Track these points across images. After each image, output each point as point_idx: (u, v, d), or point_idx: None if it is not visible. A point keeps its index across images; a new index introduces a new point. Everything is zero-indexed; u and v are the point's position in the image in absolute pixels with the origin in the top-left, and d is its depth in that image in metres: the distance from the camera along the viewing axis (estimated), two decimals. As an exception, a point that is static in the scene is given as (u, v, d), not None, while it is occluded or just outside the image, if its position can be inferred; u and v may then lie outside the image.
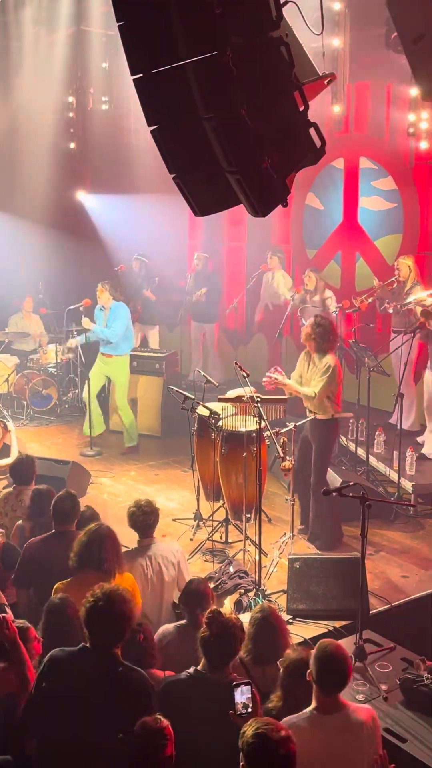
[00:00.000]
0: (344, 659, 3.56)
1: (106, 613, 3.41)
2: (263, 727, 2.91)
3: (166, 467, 8.76)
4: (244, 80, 2.73)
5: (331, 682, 3.51)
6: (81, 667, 3.37)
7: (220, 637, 3.71)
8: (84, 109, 12.47)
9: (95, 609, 3.43)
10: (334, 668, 3.50)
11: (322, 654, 3.52)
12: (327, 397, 6.58)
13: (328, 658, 3.50)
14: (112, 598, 3.45)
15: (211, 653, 3.72)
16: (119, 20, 2.84)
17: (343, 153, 10.00)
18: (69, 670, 3.38)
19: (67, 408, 10.76)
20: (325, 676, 3.49)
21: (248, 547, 6.35)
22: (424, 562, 6.57)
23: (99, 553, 4.56)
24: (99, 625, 3.42)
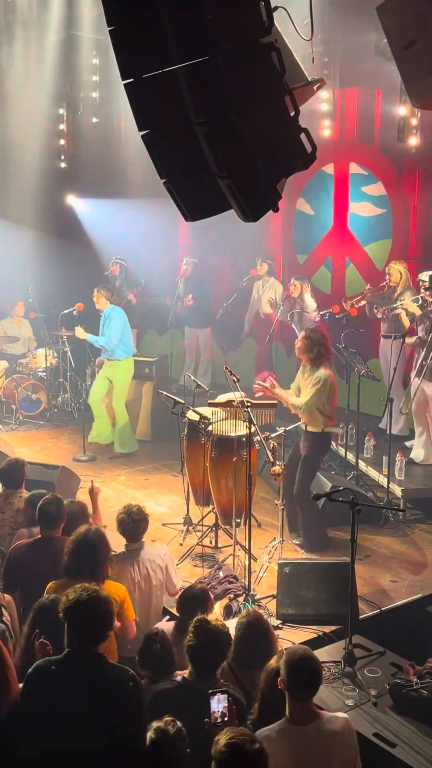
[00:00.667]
0: (315, 663, 3.52)
1: (88, 611, 3.39)
2: (237, 738, 2.89)
3: (156, 472, 8.75)
4: (235, 85, 2.74)
5: (303, 688, 3.46)
6: (68, 673, 3.34)
7: (207, 644, 3.70)
8: (74, 114, 12.45)
9: (76, 607, 3.40)
10: (304, 673, 3.45)
11: (291, 659, 3.48)
12: (318, 410, 6.59)
13: (298, 663, 3.46)
14: (92, 596, 3.44)
15: (198, 661, 3.71)
16: (110, 24, 2.84)
17: (333, 158, 10.03)
18: (56, 679, 3.34)
19: (57, 412, 10.73)
20: (297, 682, 3.45)
21: (238, 552, 6.35)
22: (413, 566, 6.59)
23: (90, 561, 4.55)
24: (80, 624, 3.39)
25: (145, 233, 11.50)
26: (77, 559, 4.57)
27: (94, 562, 4.57)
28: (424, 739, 4.17)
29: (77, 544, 4.62)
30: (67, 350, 10.57)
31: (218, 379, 10.50)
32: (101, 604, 3.44)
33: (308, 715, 3.45)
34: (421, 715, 4.32)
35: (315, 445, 6.75)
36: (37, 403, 10.53)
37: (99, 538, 4.67)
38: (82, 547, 4.60)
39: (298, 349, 6.77)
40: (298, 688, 3.45)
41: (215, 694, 3.29)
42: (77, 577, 4.45)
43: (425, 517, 7.47)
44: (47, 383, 10.78)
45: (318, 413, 6.61)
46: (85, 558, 4.57)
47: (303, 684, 3.46)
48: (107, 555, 4.70)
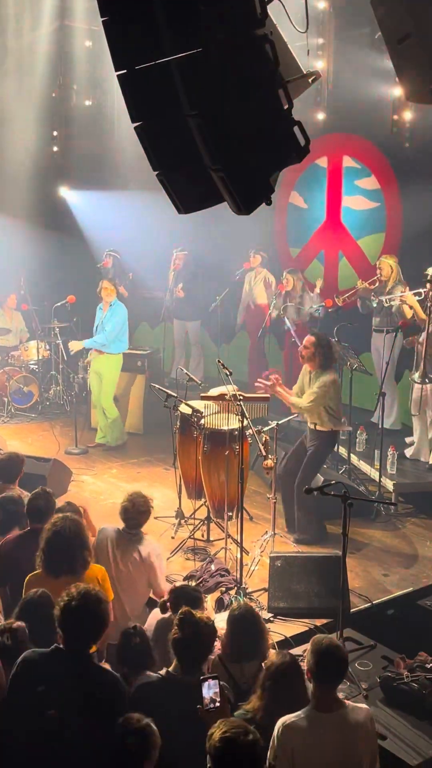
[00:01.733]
0: (342, 651, 3.62)
1: (82, 613, 3.38)
2: (231, 731, 2.91)
3: (148, 465, 8.74)
4: (229, 77, 2.72)
5: (331, 675, 3.54)
6: (54, 669, 3.34)
7: (192, 638, 3.70)
8: (67, 105, 12.40)
9: (70, 609, 3.40)
10: (332, 660, 3.53)
11: (319, 648, 3.56)
12: (324, 410, 6.61)
13: (326, 651, 3.53)
14: (87, 599, 3.42)
15: (183, 655, 3.72)
16: (103, 15, 2.82)
17: (326, 152, 10.02)
18: (41, 672, 3.34)
19: (49, 405, 10.70)
20: (325, 669, 3.51)
21: (230, 545, 6.36)
22: (404, 560, 6.61)
23: (64, 557, 4.45)
24: (74, 626, 3.39)
25: (138, 225, 11.47)
26: (52, 556, 4.46)
27: (73, 558, 4.45)
28: (414, 732, 4.20)
29: (50, 541, 4.48)
30: (59, 342, 10.54)
31: (211, 373, 10.49)
32: (92, 611, 3.42)
33: (334, 703, 3.52)
34: (411, 707, 4.35)
35: (323, 444, 6.80)
36: (29, 395, 10.50)
37: (72, 532, 4.50)
38: (55, 543, 4.47)
39: (306, 354, 6.75)
40: (326, 675, 3.53)
41: (206, 680, 3.30)
42: (57, 574, 4.40)
43: (416, 511, 7.50)
44: (39, 376, 10.75)
45: (324, 412, 6.63)
46: (60, 554, 4.45)
47: (331, 671, 3.54)
48: (83, 547, 4.53)
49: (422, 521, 7.34)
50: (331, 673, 3.55)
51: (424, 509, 7.49)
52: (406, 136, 8.77)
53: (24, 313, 11.24)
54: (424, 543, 6.92)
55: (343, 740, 3.46)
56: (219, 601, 5.64)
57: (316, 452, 6.77)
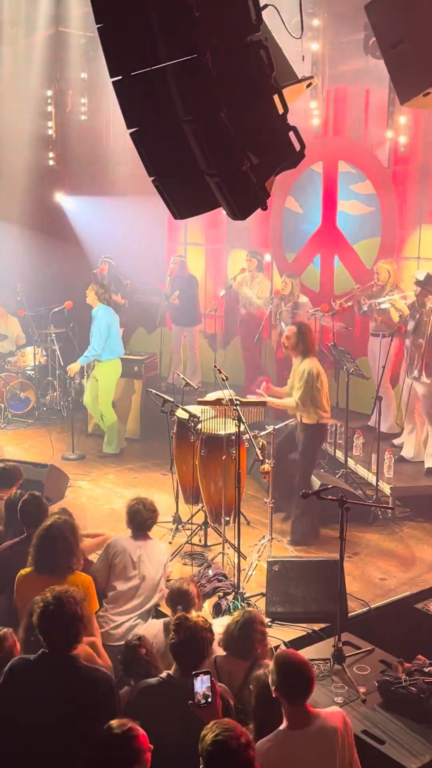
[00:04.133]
0: (305, 665, 3.51)
1: (59, 616, 3.38)
2: (223, 734, 2.88)
3: (145, 470, 8.74)
4: (224, 83, 2.73)
5: (297, 691, 3.44)
6: (41, 673, 3.33)
7: (188, 642, 3.72)
8: (63, 111, 12.41)
9: (46, 614, 3.39)
10: (297, 675, 3.44)
11: (281, 664, 3.47)
12: (310, 402, 6.61)
13: (288, 667, 3.45)
14: (62, 601, 3.42)
15: (181, 658, 3.73)
16: (98, 22, 2.83)
17: (322, 157, 10.04)
18: (29, 678, 3.33)
19: (45, 411, 10.70)
20: (290, 686, 3.43)
21: (227, 550, 6.35)
22: (402, 564, 6.61)
23: (52, 556, 4.52)
24: (53, 630, 3.38)
25: (134, 231, 11.49)
26: (41, 555, 4.53)
27: (55, 558, 4.50)
28: (413, 736, 4.19)
29: (39, 540, 4.56)
30: (56, 348, 10.53)
31: (207, 378, 10.49)
32: (68, 610, 3.41)
33: (305, 718, 3.43)
34: (409, 711, 4.33)
35: (310, 437, 6.79)
36: (26, 401, 10.49)
37: (60, 533, 4.57)
38: (43, 542, 4.55)
39: (287, 344, 6.79)
40: (294, 691, 3.44)
41: (198, 675, 3.27)
42: (42, 572, 4.45)
43: (414, 515, 7.50)
44: (36, 381, 10.75)
45: (310, 404, 6.62)
46: (47, 554, 4.52)
47: (298, 686, 3.45)
48: (71, 549, 4.59)
49: (419, 525, 7.34)
50: (299, 690, 3.45)
51: (421, 513, 7.49)
52: (401, 140, 8.80)
53: (20, 319, 11.24)
54: (421, 546, 6.92)
55: (322, 752, 3.39)
56: (216, 606, 5.63)
57: (307, 449, 6.77)
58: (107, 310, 9.09)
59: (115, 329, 9.15)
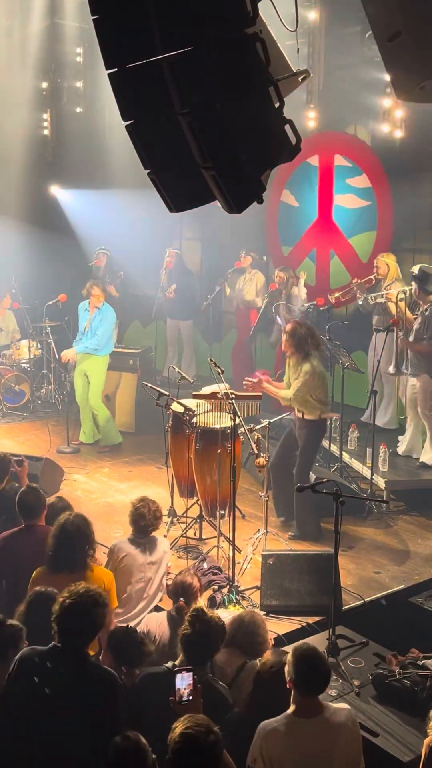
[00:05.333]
0: (324, 661, 3.56)
1: (81, 613, 3.39)
2: (193, 728, 2.86)
3: (140, 464, 8.74)
4: (220, 76, 2.72)
5: (313, 685, 3.48)
6: (51, 667, 3.34)
7: (202, 635, 3.73)
8: (58, 103, 12.36)
9: (68, 609, 3.41)
10: (315, 671, 3.48)
11: (301, 657, 3.50)
12: (311, 397, 6.61)
13: (308, 661, 3.48)
14: (85, 599, 3.44)
15: (192, 651, 3.74)
16: (94, 14, 2.81)
17: (318, 150, 10.03)
18: (39, 670, 3.35)
19: (40, 404, 10.69)
20: (307, 679, 3.46)
21: (222, 544, 6.36)
22: (396, 558, 6.63)
23: (70, 554, 4.54)
24: (71, 625, 3.40)
25: (129, 224, 11.46)
26: (57, 553, 4.56)
27: (73, 555, 4.54)
28: (406, 729, 4.21)
29: (58, 536, 4.60)
30: (51, 341, 10.51)
31: (202, 371, 10.49)
32: (91, 609, 3.44)
33: (314, 709, 3.47)
34: (402, 704, 4.35)
35: (312, 433, 6.80)
36: (21, 394, 10.48)
37: (79, 529, 4.63)
38: (61, 539, 4.58)
39: (285, 344, 6.78)
40: (309, 685, 3.47)
41: (180, 671, 3.27)
42: (59, 570, 4.45)
43: (408, 509, 7.52)
44: (31, 375, 10.73)
45: (312, 400, 6.63)
46: (65, 551, 4.55)
47: (315, 680, 3.48)
48: (88, 545, 4.65)
49: (414, 518, 7.36)
50: (314, 685, 3.49)
51: (416, 506, 7.51)
52: (397, 134, 8.79)
53: (15, 312, 11.22)
54: (415, 540, 6.94)
55: (325, 744, 3.42)
56: (211, 600, 5.65)
57: (307, 444, 6.79)
58: (111, 308, 9.14)
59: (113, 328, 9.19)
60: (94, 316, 9.04)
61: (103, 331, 8.96)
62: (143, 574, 5.27)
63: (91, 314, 9.07)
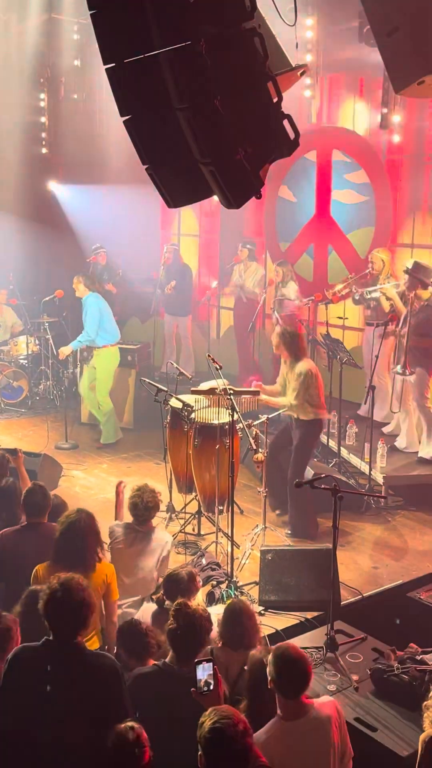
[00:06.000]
0: (303, 659, 3.52)
1: (65, 603, 3.39)
2: (221, 721, 2.90)
3: (139, 459, 8.74)
4: (218, 71, 2.71)
5: (294, 686, 3.47)
6: (46, 661, 3.34)
7: (186, 629, 3.72)
8: (56, 99, 12.33)
9: (53, 600, 3.41)
10: (294, 672, 3.46)
11: (280, 658, 3.48)
12: (306, 402, 6.61)
13: (287, 663, 3.46)
14: (69, 588, 3.44)
15: (178, 645, 3.73)
16: (92, 8, 2.80)
17: (316, 145, 10.01)
18: (34, 666, 3.34)
19: (39, 400, 10.68)
20: (287, 681, 3.45)
21: (220, 539, 6.37)
22: (394, 553, 6.64)
23: (80, 549, 4.55)
24: (59, 616, 3.39)
25: (127, 219, 11.44)
26: (65, 548, 4.56)
27: (82, 552, 4.55)
28: (405, 723, 4.22)
29: (65, 533, 4.60)
30: (49, 337, 10.51)
31: (201, 367, 10.49)
32: (75, 598, 3.43)
33: (299, 709, 3.46)
34: (401, 699, 4.36)
35: (307, 433, 6.78)
36: (19, 390, 10.47)
37: (88, 527, 4.64)
38: (70, 535, 4.58)
39: (275, 346, 6.80)
40: (291, 687, 3.46)
41: (201, 662, 3.30)
42: (67, 565, 4.45)
43: (406, 504, 7.53)
44: (29, 371, 10.72)
45: (306, 405, 6.63)
46: (73, 547, 4.55)
47: (295, 681, 3.47)
48: (96, 543, 4.68)
49: (412, 513, 7.37)
50: (295, 685, 3.47)
51: (414, 502, 7.52)
52: (396, 129, 8.77)
53: (14, 308, 11.21)
54: (413, 535, 6.95)
55: (319, 740, 3.43)
56: (210, 595, 5.65)
57: (302, 443, 6.77)
58: (96, 296, 9.10)
59: (108, 314, 9.15)
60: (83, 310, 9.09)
61: (90, 322, 8.94)
62: (134, 562, 5.26)
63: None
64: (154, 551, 5.34)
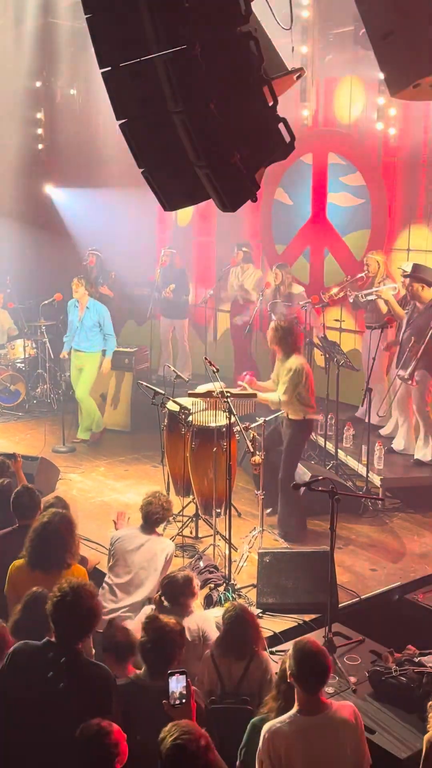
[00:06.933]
0: (323, 654, 3.56)
1: (73, 608, 3.39)
2: (182, 737, 2.85)
3: (136, 462, 8.74)
4: (214, 74, 2.72)
5: (313, 679, 3.49)
6: (44, 662, 3.34)
7: (156, 642, 3.70)
8: (52, 103, 12.35)
9: (63, 604, 3.41)
10: (314, 664, 3.48)
11: (300, 651, 3.51)
12: (297, 399, 6.60)
13: (307, 655, 3.49)
14: (79, 594, 3.44)
15: (147, 658, 3.72)
16: (87, 12, 2.81)
17: (312, 148, 10.02)
18: (32, 665, 3.35)
19: (36, 404, 10.68)
20: (307, 673, 3.47)
21: (218, 542, 6.36)
22: (392, 555, 6.64)
23: (46, 552, 4.52)
24: (66, 620, 3.40)
25: (124, 223, 11.45)
26: (34, 552, 4.53)
27: (48, 554, 4.51)
28: (403, 725, 4.22)
29: (35, 537, 4.57)
30: (46, 341, 10.51)
31: (198, 370, 10.49)
32: (85, 605, 3.43)
33: (318, 706, 3.48)
34: (399, 701, 4.36)
35: (296, 432, 6.77)
36: (16, 394, 10.46)
37: (56, 530, 4.58)
38: (39, 539, 4.55)
39: (269, 340, 6.80)
40: (310, 679, 3.48)
41: (174, 674, 3.24)
42: (37, 568, 4.46)
43: (403, 506, 7.53)
44: (26, 374, 10.72)
45: (296, 401, 6.62)
46: (42, 550, 4.52)
47: (313, 676, 3.49)
48: (66, 545, 4.60)
49: (409, 516, 7.37)
50: (315, 679, 3.50)
51: (411, 504, 7.53)
52: (391, 132, 8.80)
53: (10, 312, 11.20)
54: (411, 537, 6.96)
55: (331, 741, 3.44)
56: (207, 598, 5.65)
57: (291, 444, 6.76)
58: (98, 303, 9.15)
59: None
60: (83, 313, 9.07)
61: (108, 326, 9.15)
62: (131, 562, 5.26)
63: (81, 308, 9.11)
64: (154, 556, 5.33)
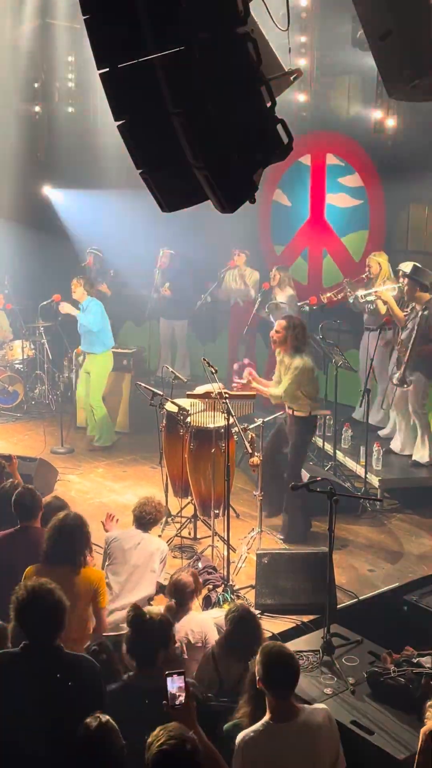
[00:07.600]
0: (293, 660, 3.51)
1: (37, 606, 3.38)
2: (168, 743, 2.81)
3: (135, 463, 8.73)
4: (212, 75, 2.72)
5: (281, 683, 3.45)
6: (26, 665, 3.32)
7: (139, 635, 3.71)
8: (50, 104, 12.34)
9: (24, 605, 3.40)
10: (281, 668, 3.44)
11: (267, 656, 3.47)
12: (301, 393, 6.60)
13: (274, 659, 3.45)
14: (37, 591, 3.43)
15: (133, 652, 3.73)
16: (85, 13, 2.81)
17: (310, 150, 10.03)
18: (13, 671, 3.32)
19: (34, 405, 10.67)
20: (276, 679, 3.44)
21: (216, 543, 6.37)
22: (390, 556, 6.64)
23: (67, 548, 4.60)
24: (33, 620, 3.38)
25: (122, 224, 11.45)
26: (55, 547, 4.62)
27: (71, 550, 4.61)
28: (401, 726, 4.21)
29: (55, 531, 4.66)
30: (44, 342, 10.50)
31: (196, 371, 10.49)
32: (46, 600, 3.41)
33: (290, 712, 3.44)
34: (397, 702, 4.36)
35: (303, 429, 6.79)
36: (14, 395, 10.45)
37: (77, 526, 4.71)
38: (59, 534, 4.64)
39: (274, 341, 6.78)
40: (277, 685, 3.44)
41: (171, 675, 3.24)
42: (55, 564, 4.51)
43: (402, 507, 7.54)
44: (24, 375, 10.71)
45: (302, 396, 6.62)
46: (63, 545, 4.61)
47: (281, 681, 3.46)
48: (85, 543, 4.73)
49: (408, 516, 7.38)
50: (283, 683, 3.45)
51: (410, 505, 7.53)
52: (389, 133, 8.79)
53: (8, 313, 11.19)
54: (409, 538, 6.96)
55: (305, 747, 3.40)
56: (206, 599, 5.65)
57: (298, 440, 6.77)
58: (98, 302, 9.13)
59: (106, 321, 9.18)
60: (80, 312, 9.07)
61: (94, 322, 8.95)
62: (128, 561, 5.27)
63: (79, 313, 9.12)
64: (150, 557, 5.34)
